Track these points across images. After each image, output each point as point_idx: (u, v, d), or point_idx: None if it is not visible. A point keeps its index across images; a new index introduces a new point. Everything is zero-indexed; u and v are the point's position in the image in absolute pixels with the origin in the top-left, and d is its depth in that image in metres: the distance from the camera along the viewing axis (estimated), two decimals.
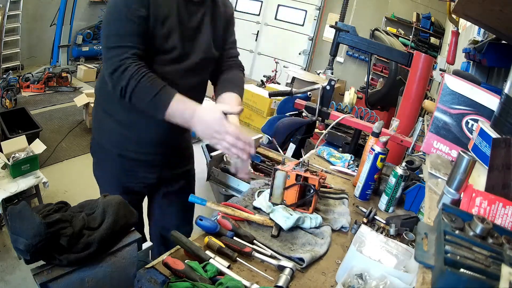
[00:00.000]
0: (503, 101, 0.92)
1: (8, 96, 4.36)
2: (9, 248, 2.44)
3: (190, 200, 1.21)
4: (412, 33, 6.28)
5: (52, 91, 5.21)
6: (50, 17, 5.70)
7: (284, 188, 1.21)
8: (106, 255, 0.87)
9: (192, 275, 0.87)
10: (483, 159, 0.87)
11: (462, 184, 0.80)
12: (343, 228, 1.25)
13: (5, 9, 4.90)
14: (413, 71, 2.03)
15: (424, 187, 1.27)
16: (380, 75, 6.24)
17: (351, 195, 1.50)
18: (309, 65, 7.33)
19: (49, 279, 0.77)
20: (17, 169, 2.49)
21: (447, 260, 0.54)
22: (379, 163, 1.40)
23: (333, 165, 1.78)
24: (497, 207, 0.68)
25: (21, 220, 0.77)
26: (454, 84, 1.16)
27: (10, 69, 5.24)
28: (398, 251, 1.00)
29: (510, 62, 1.31)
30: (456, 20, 1.93)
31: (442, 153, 1.21)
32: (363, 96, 3.32)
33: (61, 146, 3.89)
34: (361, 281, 0.88)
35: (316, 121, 2.05)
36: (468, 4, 1.08)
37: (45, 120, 4.28)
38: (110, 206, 0.90)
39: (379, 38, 3.28)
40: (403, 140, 1.71)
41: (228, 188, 1.66)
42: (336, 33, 1.97)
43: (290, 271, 0.96)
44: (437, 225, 0.66)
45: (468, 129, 1.15)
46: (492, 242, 0.61)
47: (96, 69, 6.11)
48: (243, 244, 1.04)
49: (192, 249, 0.97)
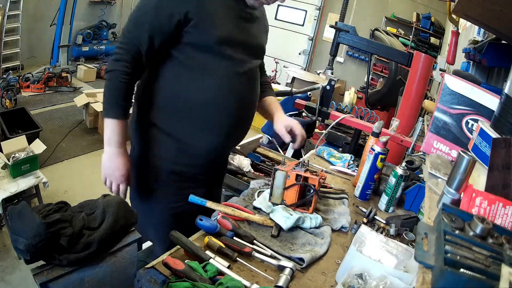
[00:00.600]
0: (503, 101, 0.92)
1: (8, 96, 4.36)
2: (9, 248, 2.44)
3: (190, 200, 1.20)
4: (412, 33, 6.28)
5: (52, 91, 5.21)
6: (50, 17, 5.70)
7: (284, 188, 1.21)
8: (106, 255, 0.87)
9: (192, 275, 0.87)
10: (483, 159, 0.87)
11: (462, 184, 0.80)
12: (343, 228, 1.24)
13: (5, 9, 4.90)
14: (413, 71, 2.03)
15: (424, 187, 1.27)
16: (380, 75, 6.24)
17: (351, 195, 1.50)
18: (309, 65, 7.33)
19: (49, 279, 0.78)
20: (17, 169, 2.49)
21: (447, 260, 0.54)
22: (379, 163, 1.40)
23: (333, 165, 1.78)
24: (497, 207, 0.68)
25: (21, 220, 0.77)
26: (454, 84, 1.16)
27: (10, 69, 5.25)
28: (398, 251, 1.00)
29: (510, 62, 1.30)
30: (456, 20, 1.93)
31: (442, 153, 1.21)
32: (363, 96, 3.32)
33: (61, 146, 3.89)
34: (361, 281, 0.88)
35: (316, 121, 2.05)
36: (468, 4, 1.08)
37: (45, 120, 4.29)
38: (110, 206, 0.91)
39: (379, 38, 3.28)
40: (403, 140, 1.71)
41: (228, 188, 1.66)
42: (336, 33, 1.97)
43: (290, 271, 0.96)
44: (437, 225, 0.66)
45: (468, 129, 1.15)
46: (492, 242, 0.61)
47: (96, 69, 6.11)
48: (243, 244, 1.04)
49: (192, 249, 0.97)
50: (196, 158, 1.28)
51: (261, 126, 2.64)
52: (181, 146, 1.24)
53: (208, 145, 1.26)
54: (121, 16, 7.12)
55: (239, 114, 1.27)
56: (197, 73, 1.18)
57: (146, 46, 1.12)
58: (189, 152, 1.26)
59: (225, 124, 1.25)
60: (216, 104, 1.21)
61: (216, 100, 1.20)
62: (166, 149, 1.25)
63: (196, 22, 1.10)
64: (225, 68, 1.19)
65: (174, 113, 1.21)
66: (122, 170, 1.19)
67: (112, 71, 1.13)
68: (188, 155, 1.26)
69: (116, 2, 6.90)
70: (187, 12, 1.09)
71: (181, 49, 1.16)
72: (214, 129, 1.24)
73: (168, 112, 1.21)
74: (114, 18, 7.00)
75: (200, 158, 1.29)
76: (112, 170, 1.19)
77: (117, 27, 6.95)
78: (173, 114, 1.21)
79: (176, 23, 1.10)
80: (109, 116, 1.15)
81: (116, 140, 1.17)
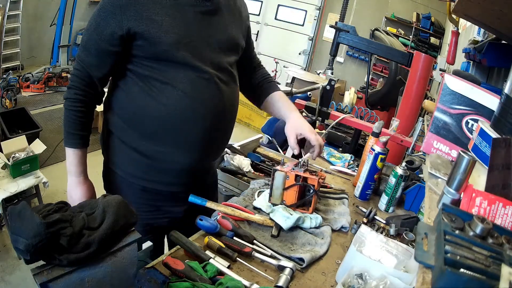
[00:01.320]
0: (503, 101, 0.92)
1: (8, 96, 4.36)
2: (9, 248, 2.44)
3: (190, 200, 1.20)
4: (412, 33, 6.27)
5: (52, 91, 5.21)
6: (50, 17, 5.70)
7: (283, 189, 1.21)
8: (106, 255, 0.87)
9: (192, 275, 0.87)
10: (483, 159, 0.87)
11: (462, 184, 0.80)
12: (343, 228, 1.24)
13: (5, 9, 4.90)
14: (413, 71, 2.03)
15: (424, 187, 1.27)
16: (380, 75, 6.24)
17: (351, 195, 1.50)
18: (309, 65, 7.33)
19: (49, 279, 0.77)
20: (17, 169, 2.49)
21: (447, 260, 0.54)
22: (379, 163, 1.40)
23: (333, 165, 1.78)
24: (497, 207, 0.68)
25: (21, 220, 0.77)
26: (454, 84, 1.16)
27: (10, 69, 5.25)
28: (398, 251, 1.00)
29: (510, 62, 1.30)
30: (456, 20, 1.93)
31: (442, 153, 1.21)
32: (363, 96, 3.31)
33: (61, 146, 3.88)
34: (361, 281, 0.88)
35: (316, 121, 2.05)
36: (468, 4, 1.08)
37: (45, 120, 4.29)
38: (110, 206, 0.90)
39: (379, 38, 3.27)
40: (403, 140, 1.71)
41: (228, 188, 1.66)
42: (336, 33, 1.97)
43: (290, 271, 0.96)
44: (437, 225, 0.66)
45: (468, 129, 1.15)
46: (492, 242, 0.61)
47: None
48: (243, 244, 1.04)
49: (192, 249, 0.97)
50: (168, 175, 1.18)
51: (261, 126, 2.64)
52: (151, 163, 1.15)
53: (179, 162, 1.15)
54: None
55: (211, 124, 1.14)
56: (157, 85, 1.08)
57: (96, 71, 1.09)
58: (159, 169, 1.17)
59: (194, 138, 1.13)
60: (181, 116, 1.09)
61: (181, 112, 1.09)
62: (135, 165, 1.18)
63: (142, 34, 1.02)
64: (186, 75, 1.08)
65: (138, 129, 1.13)
66: (82, 199, 1.17)
67: (66, 99, 1.11)
68: (158, 172, 1.17)
69: None
70: (128, 28, 1.01)
71: (136, 62, 1.08)
72: (182, 144, 1.13)
73: (132, 127, 1.13)
74: None
75: (172, 175, 1.19)
76: (73, 199, 1.18)
77: None
78: (138, 129, 1.13)
79: (120, 40, 1.03)
80: (66, 145, 1.14)
81: (74, 170, 1.16)
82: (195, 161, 1.18)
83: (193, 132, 1.13)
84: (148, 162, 1.15)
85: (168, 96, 1.08)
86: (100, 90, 1.15)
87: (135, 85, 1.10)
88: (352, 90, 3.36)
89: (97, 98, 1.16)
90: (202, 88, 1.11)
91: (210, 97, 1.12)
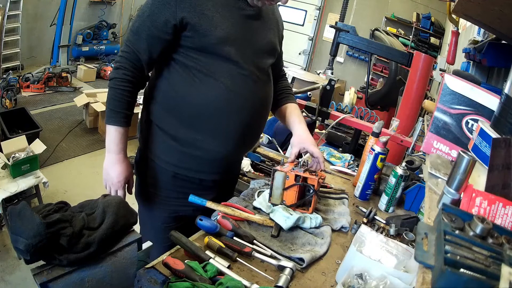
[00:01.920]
0: (503, 101, 0.92)
1: (8, 96, 4.36)
2: (9, 248, 2.44)
3: (190, 200, 1.20)
4: (412, 33, 6.28)
5: (52, 91, 5.22)
6: (50, 17, 5.70)
7: (283, 189, 1.21)
8: (106, 255, 0.87)
9: (192, 275, 0.87)
10: (483, 159, 0.87)
11: (462, 184, 0.80)
12: (343, 228, 1.24)
13: (5, 9, 4.90)
14: (413, 71, 2.03)
15: (424, 187, 1.27)
16: (380, 75, 6.24)
17: (351, 195, 1.50)
18: (309, 65, 7.34)
19: (49, 279, 0.77)
20: (17, 169, 2.49)
21: (447, 260, 0.54)
22: (379, 163, 1.40)
23: (333, 165, 1.78)
24: (497, 207, 0.68)
25: (21, 220, 0.77)
26: (454, 84, 1.16)
27: (10, 69, 5.25)
28: (398, 251, 1.00)
29: (510, 62, 1.31)
30: (456, 20, 1.93)
31: (442, 153, 1.21)
32: (363, 96, 3.32)
33: (61, 146, 3.89)
34: (361, 281, 0.88)
35: (316, 121, 2.05)
36: (468, 4, 1.08)
37: (45, 120, 4.29)
38: (110, 206, 0.91)
39: (379, 38, 3.27)
40: (403, 140, 1.71)
41: None
42: (336, 33, 1.98)
43: (290, 271, 0.96)
44: (437, 225, 0.66)
45: (468, 129, 1.15)
46: (492, 242, 0.61)
47: (96, 69, 6.11)
48: (243, 244, 1.04)
49: (192, 249, 0.97)
50: (201, 163, 1.24)
51: None
52: (185, 150, 1.21)
53: (214, 151, 1.22)
54: (121, 16, 7.12)
55: (246, 118, 1.22)
56: (200, 76, 1.15)
57: (145, 55, 1.13)
58: (193, 157, 1.22)
59: (231, 129, 1.20)
60: (220, 107, 1.17)
61: (220, 103, 1.16)
62: (170, 152, 1.23)
63: (193, 25, 1.09)
64: (229, 69, 1.16)
65: (178, 116, 1.19)
66: (120, 177, 1.21)
67: (112, 79, 1.15)
68: (192, 159, 1.23)
69: (116, 2, 6.90)
70: (182, 17, 1.08)
71: (183, 53, 1.15)
72: (219, 134, 1.20)
73: (173, 114, 1.20)
74: (114, 18, 7.00)
75: (205, 163, 1.25)
76: (110, 176, 1.21)
77: (117, 27, 6.96)
78: (177, 117, 1.19)
79: (173, 29, 1.10)
80: (109, 123, 1.17)
81: (115, 147, 1.19)
82: (228, 152, 1.24)
83: (230, 123, 1.20)
84: (183, 149, 1.21)
85: (209, 87, 1.15)
86: (146, 73, 1.19)
87: (178, 74, 1.17)
88: (352, 90, 3.37)
89: (142, 81, 1.21)
90: (242, 83, 1.18)
91: (249, 92, 1.20)
